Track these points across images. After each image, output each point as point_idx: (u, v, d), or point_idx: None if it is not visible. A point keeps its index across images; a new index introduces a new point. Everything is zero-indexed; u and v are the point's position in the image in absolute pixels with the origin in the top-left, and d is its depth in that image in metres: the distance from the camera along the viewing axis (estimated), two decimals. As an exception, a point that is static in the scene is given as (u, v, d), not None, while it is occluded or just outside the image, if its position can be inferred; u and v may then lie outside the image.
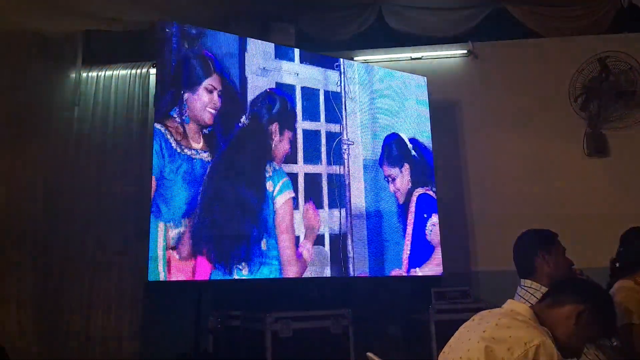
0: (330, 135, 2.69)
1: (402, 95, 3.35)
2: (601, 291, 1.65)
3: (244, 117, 2.63)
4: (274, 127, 2.62)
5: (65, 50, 3.90)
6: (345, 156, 2.69)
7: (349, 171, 2.66)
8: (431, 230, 3.17)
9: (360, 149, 2.72)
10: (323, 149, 2.66)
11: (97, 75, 4.03)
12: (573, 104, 4.22)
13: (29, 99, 3.71)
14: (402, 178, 2.96)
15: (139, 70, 4.01)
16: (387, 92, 3.18)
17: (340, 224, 2.60)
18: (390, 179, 2.91)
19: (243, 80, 2.72)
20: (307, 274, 2.71)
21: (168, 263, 2.47)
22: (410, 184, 2.99)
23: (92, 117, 3.93)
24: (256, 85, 2.76)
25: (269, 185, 2.53)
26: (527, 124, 4.29)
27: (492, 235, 4.06)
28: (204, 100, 2.63)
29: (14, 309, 3.44)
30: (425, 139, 3.42)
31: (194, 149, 2.53)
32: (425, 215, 3.14)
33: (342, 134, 2.76)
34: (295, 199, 2.53)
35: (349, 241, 2.64)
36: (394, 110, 3.22)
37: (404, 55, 4.41)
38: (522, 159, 4.24)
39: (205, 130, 2.62)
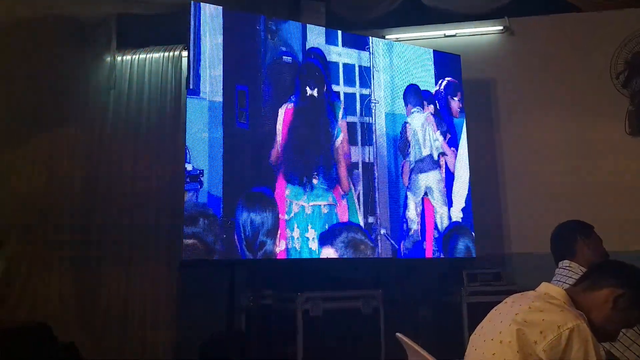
0: (363, 97, 3.78)
1: (414, 64, 4.07)
2: (641, 275, 1.60)
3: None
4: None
5: (99, 34, 3.96)
6: (373, 110, 3.79)
7: (375, 120, 3.78)
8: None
9: (383, 105, 3.84)
10: (357, 105, 3.76)
11: (131, 58, 4.09)
12: (615, 81, 4.06)
13: (65, 83, 3.80)
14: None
15: (171, 53, 4.06)
16: (401, 63, 4.01)
17: (369, 155, 3.74)
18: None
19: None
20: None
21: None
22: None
23: (127, 100, 4.00)
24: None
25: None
26: (566, 103, 4.14)
27: (527, 217, 3.98)
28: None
29: (56, 291, 3.56)
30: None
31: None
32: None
33: (370, 95, 3.80)
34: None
35: (375, 167, 3.74)
36: (406, 76, 4.05)
37: (437, 32, 4.31)
38: (560, 139, 4.11)
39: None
